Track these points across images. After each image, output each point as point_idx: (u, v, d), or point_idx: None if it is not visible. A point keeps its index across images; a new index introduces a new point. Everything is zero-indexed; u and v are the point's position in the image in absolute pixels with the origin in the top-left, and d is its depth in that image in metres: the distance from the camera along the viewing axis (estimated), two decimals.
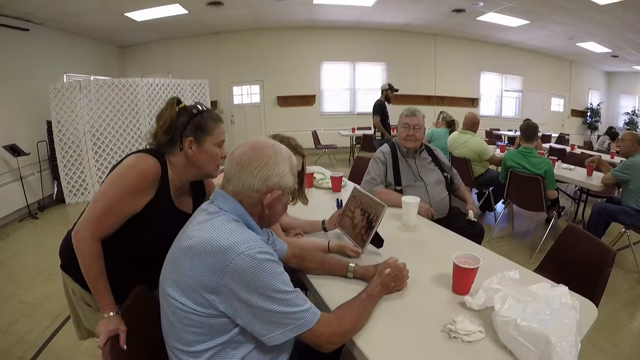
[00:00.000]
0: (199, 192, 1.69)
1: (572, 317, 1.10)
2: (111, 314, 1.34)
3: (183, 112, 1.46)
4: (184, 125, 1.44)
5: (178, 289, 1.08)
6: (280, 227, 2.00)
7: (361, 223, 1.85)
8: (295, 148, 1.84)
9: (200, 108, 1.48)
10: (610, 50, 10.03)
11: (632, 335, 2.79)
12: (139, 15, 7.41)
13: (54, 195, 6.79)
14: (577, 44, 9.72)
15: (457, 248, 1.65)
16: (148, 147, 1.52)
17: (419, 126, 2.75)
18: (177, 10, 7.38)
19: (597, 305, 1.44)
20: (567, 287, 1.28)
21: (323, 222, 2.11)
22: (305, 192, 2.10)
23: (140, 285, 1.46)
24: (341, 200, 2.20)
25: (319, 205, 2.60)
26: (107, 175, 1.42)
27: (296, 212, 2.23)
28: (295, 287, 1.12)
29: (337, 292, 1.49)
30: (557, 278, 1.56)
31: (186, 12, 7.56)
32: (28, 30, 6.48)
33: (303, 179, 2.04)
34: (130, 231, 1.44)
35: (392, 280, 1.46)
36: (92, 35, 8.36)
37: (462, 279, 1.46)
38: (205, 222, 1.14)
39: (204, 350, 1.09)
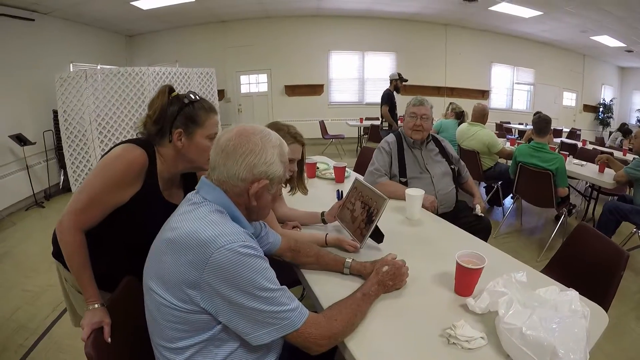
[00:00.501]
0: (191, 184, 1.63)
1: (582, 326, 1.03)
2: (96, 305, 1.31)
3: (174, 102, 1.41)
4: (173, 116, 1.39)
5: (160, 283, 1.03)
6: (277, 218, 1.95)
7: (361, 216, 1.77)
8: (294, 136, 1.79)
9: (193, 97, 1.42)
10: (624, 45, 9.76)
11: None
12: (145, 4, 7.36)
13: (60, 184, 6.84)
14: (591, 38, 9.47)
15: (463, 245, 1.61)
16: (138, 136, 1.46)
17: (427, 116, 2.66)
18: None
19: (606, 310, 1.37)
20: (577, 292, 1.20)
21: (322, 214, 2.04)
22: (305, 182, 2.02)
23: (130, 276, 1.42)
24: (342, 192, 2.14)
25: (320, 196, 2.54)
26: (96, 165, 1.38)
27: (295, 202, 2.17)
28: (282, 285, 1.06)
29: (332, 288, 1.43)
30: (566, 279, 1.52)
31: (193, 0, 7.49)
32: (33, 20, 6.48)
33: (303, 168, 1.97)
34: (118, 222, 1.41)
35: (390, 278, 1.38)
36: (98, 24, 8.31)
37: (465, 280, 1.38)
38: (188, 212, 1.09)
39: (186, 347, 1.05)
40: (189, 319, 1.01)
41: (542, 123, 3.76)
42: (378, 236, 1.73)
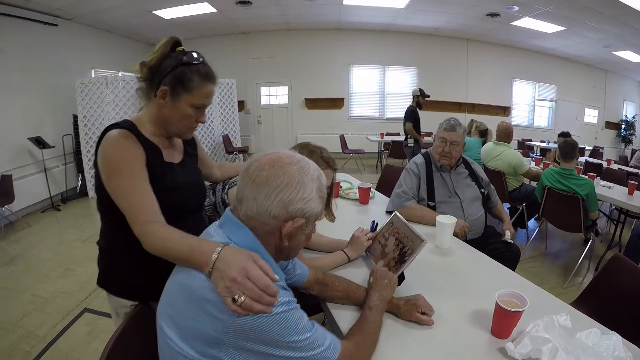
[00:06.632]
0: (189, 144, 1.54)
1: None
2: (218, 249, 0.94)
3: (173, 56, 1.28)
4: (165, 71, 1.26)
5: (176, 330, 0.92)
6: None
7: (392, 254, 1.63)
8: (327, 161, 1.64)
9: (193, 58, 1.28)
10: None
11: None
12: (167, 13, 7.42)
13: (78, 188, 6.94)
14: (614, 53, 9.32)
15: (496, 278, 1.63)
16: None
17: (457, 143, 2.53)
18: (205, 8, 7.36)
19: None
20: (620, 337, 1.15)
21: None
22: (332, 209, 1.87)
23: (142, 305, 1.33)
24: (377, 224, 1.92)
25: (344, 218, 2.37)
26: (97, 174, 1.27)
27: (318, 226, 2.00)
28: (310, 320, 0.98)
29: (356, 317, 1.34)
30: (600, 315, 1.47)
31: (215, 10, 7.55)
32: (57, 25, 6.60)
33: (331, 194, 1.81)
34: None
35: (382, 279, 1.40)
36: (121, 32, 8.44)
37: (505, 322, 1.27)
38: None
39: None
40: None
41: (568, 148, 3.60)
42: (399, 278, 1.57)
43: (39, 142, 5.76)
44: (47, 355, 2.61)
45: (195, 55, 1.29)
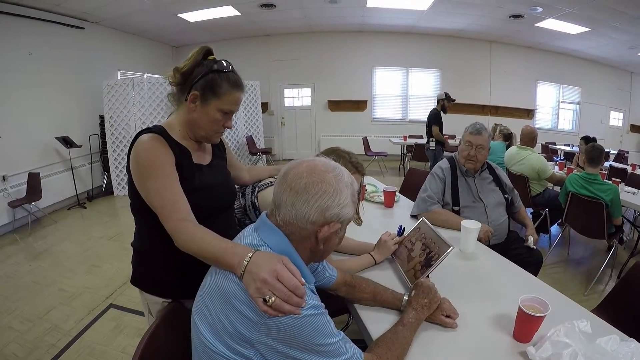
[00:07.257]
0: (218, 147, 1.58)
1: None
2: (250, 254, 0.98)
3: (205, 64, 1.34)
4: (197, 77, 1.32)
5: (210, 328, 0.97)
6: None
7: (419, 258, 1.66)
8: (356, 166, 1.68)
9: (222, 66, 1.33)
10: None
11: None
12: (192, 16, 7.52)
13: (103, 186, 7.10)
14: (639, 54, 9.10)
15: (519, 283, 1.63)
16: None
17: (483, 147, 2.51)
18: (229, 12, 7.44)
19: None
20: (639, 344, 1.15)
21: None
22: (360, 213, 1.89)
23: (176, 303, 1.38)
24: (404, 228, 1.95)
25: (369, 221, 2.40)
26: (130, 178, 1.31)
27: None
28: (338, 330, 1.00)
29: (381, 317, 1.41)
30: (620, 322, 1.45)
31: (238, 13, 7.61)
32: (83, 28, 6.78)
33: (359, 198, 1.86)
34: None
35: (423, 297, 1.34)
36: (146, 34, 8.60)
37: (527, 327, 1.28)
38: None
39: None
40: None
41: (595, 152, 3.54)
42: None
43: (66, 142, 5.92)
44: (72, 348, 2.67)
45: (225, 63, 1.35)
